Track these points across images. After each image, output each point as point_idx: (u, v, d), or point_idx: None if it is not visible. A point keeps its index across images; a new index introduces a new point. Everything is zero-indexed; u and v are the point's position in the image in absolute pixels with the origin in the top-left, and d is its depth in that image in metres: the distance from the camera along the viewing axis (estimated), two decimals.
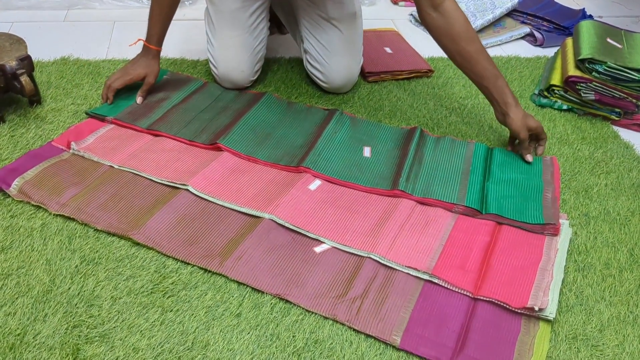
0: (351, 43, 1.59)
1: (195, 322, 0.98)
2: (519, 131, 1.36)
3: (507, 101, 1.36)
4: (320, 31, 1.57)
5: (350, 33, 1.58)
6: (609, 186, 1.37)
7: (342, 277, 1.08)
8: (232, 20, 1.52)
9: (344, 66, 1.58)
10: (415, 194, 1.26)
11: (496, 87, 1.36)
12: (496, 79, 1.35)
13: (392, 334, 0.98)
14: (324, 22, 1.56)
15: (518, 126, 1.36)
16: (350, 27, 1.58)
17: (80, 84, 1.57)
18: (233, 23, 1.52)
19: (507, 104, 1.36)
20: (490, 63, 1.35)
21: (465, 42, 1.33)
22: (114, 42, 1.83)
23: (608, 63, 1.54)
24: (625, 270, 1.15)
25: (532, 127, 1.37)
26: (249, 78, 1.58)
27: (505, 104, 1.36)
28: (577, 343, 1.00)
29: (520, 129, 1.36)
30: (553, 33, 2.06)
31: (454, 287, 1.07)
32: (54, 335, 0.94)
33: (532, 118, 1.38)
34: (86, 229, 1.13)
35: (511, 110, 1.36)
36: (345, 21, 1.56)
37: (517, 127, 1.36)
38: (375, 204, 1.25)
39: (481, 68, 1.35)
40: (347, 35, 1.57)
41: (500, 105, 1.37)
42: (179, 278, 1.05)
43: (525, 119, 1.37)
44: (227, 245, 1.11)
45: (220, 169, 1.29)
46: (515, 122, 1.36)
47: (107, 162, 1.28)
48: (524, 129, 1.36)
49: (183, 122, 1.43)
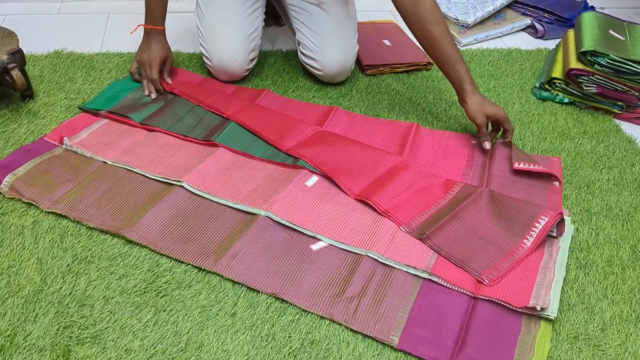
0: (343, 27, 1.56)
1: (189, 322, 0.96)
2: (474, 117, 1.35)
3: (465, 87, 1.35)
4: (310, 18, 1.55)
5: (341, 17, 1.56)
6: (611, 181, 1.35)
7: (339, 276, 1.05)
8: (225, 5, 1.50)
9: (338, 51, 1.55)
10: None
11: (454, 72, 1.35)
12: (455, 63, 1.34)
13: (390, 334, 0.96)
14: (312, 7, 1.54)
15: (473, 111, 1.35)
16: (341, 11, 1.56)
17: (74, 77, 1.54)
18: (226, 7, 1.51)
19: (465, 90, 1.35)
20: (453, 47, 1.35)
21: (430, 24, 1.33)
22: (109, 34, 1.80)
23: (610, 55, 1.51)
24: (627, 267, 1.13)
25: (489, 113, 1.35)
26: (243, 67, 1.55)
27: (463, 90, 1.36)
28: (578, 343, 0.98)
29: (475, 114, 1.35)
30: (554, 25, 2.03)
31: (453, 286, 1.04)
32: (45, 336, 0.92)
33: (491, 104, 1.37)
34: (78, 226, 1.11)
35: (468, 96, 1.35)
36: (335, 4, 1.54)
37: (473, 112, 1.35)
38: None
39: (442, 51, 1.34)
40: (338, 19, 1.55)
41: (459, 92, 1.37)
42: (172, 277, 1.03)
43: (483, 105, 1.35)
44: (222, 243, 1.09)
45: (216, 165, 1.26)
46: (471, 108, 1.35)
47: (101, 157, 1.26)
48: (480, 115, 1.35)
49: (176, 117, 1.40)
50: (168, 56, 1.51)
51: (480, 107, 1.35)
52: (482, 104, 1.35)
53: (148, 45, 1.48)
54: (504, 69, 1.77)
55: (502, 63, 1.80)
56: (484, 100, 1.36)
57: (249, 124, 1.38)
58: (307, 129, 1.38)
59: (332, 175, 1.25)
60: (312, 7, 1.54)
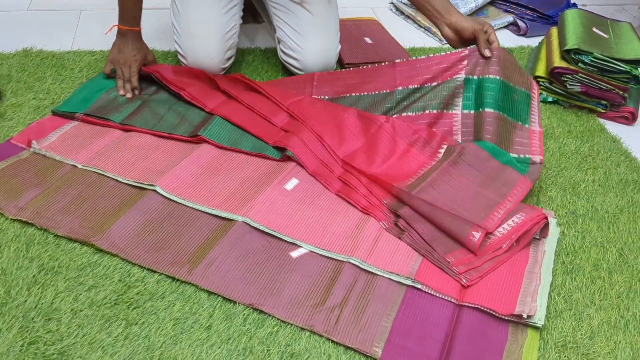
0: (325, 25, 1.53)
1: (162, 336, 0.91)
2: (472, 25, 1.34)
3: (450, 9, 1.36)
4: (291, 16, 1.51)
5: (323, 15, 1.52)
6: (596, 182, 1.32)
7: (320, 284, 1.01)
8: (202, 2, 1.46)
9: (319, 50, 1.52)
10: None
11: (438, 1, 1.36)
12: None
13: (372, 345, 0.92)
14: (294, 5, 1.50)
15: (470, 22, 1.35)
16: (324, 9, 1.52)
17: (43, 77, 1.48)
18: (202, 4, 1.46)
19: (451, 11, 1.36)
20: None
21: None
22: (80, 32, 1.74)
23: (594, 54, 1.49)
24: (614, 272, 1.10)
25: (481, 21, 1.35)
26: (219, 65, 1.50)
27: (449, 12, 1.36)
28: (566, 351, 0.95)
29: (472, 23, 1.34)
30: (537, 22, 2.00)
31: (437, 293, 1.01)
32: (9, 353, 0.86)
33: (474, 18, 1.41)
34: (46, 234, 1.06)
35: (456, 15, 1.35)
36: (318, 3, 1.51)
37: (470, 23, 1.34)
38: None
39: None
40: (320, 18, 1.52)
41: (444, 16, 1.36)
42: (145, 288, 0.98)
43: (472, 18, 1.39)
44: (197, 251, 1.04)
45: (191, 168, 1.22)
46: (466, 20, 1.35)
47: (71, 161, 1.21)
48: (476, 23, 1.34)
49: (158, 116, 1.35)
50: (147, 55, 1.47)
51: (471, 19, 1.36)
52: (470, 18, 1.37)
53: (125, 45, 1.43)
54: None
55: None
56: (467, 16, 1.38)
57: (233, 118, 1.34)
58: (293, 98, 1.40)
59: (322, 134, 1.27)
60: (294, 5, 1.51)
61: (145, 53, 1.46)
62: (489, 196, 1.16)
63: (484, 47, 1.32)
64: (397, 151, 1.29)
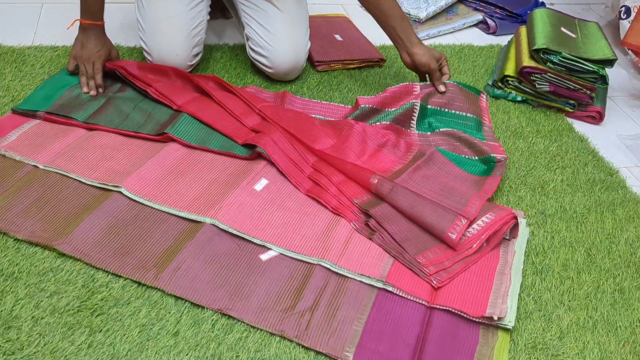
0: (295, 23, 1.51)
1: (128, 343, 0.88)
2: (429, 62, 1.40)
3: (412, 40, 1.41)
4: (261, 13, 1.49)
5: (293, 13, 1.51)
6: (565, 182, 1.34)
7: (291, 287, 1.00)
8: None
9: (289, 49, 1.50)
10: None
11: (402, 27, 1.40)
12: (402, 19, 1.40)
13: (344, 350, 0.91)
14: (263, 1, 1.48)
15: (428, 58, 1.40)
16: (293, 7, 1.51)
17: (3, 73, 1.43)
18: None
19: (412, 42, 1.41)
20: (397, 4, 1.41)
21: None
22: (42, 26, 1.68)
23: (563, 53, 1.50)
24: (583, 272, 1.11)
25: (437, 57, 1.41)
26: (185, 62, 1.47)
27: (411, 42, 1.41)
28: (536, 353, 0.95)
29: (429, 60, 1.40)
30: (506, 21, 2.01)
31: (409, 295, 1.00)
32: None
33: (434, 49, 1.43)
34: (5, 238, 1.02)
35: (417, 47, 1.41)
36: (287, 0, 1.49)
37: (427, 59, 1.40)
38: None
39: (388, 7, 1.40)
40: (289, 16, 1.50)
41: (405, 45, 1.41)
42: (109, 293, 0.95)
43: (430, 51, 1.41)
44: (164, 254, 1.01)
45: (158, 168, 1.19)
46: (424, 56, 1.40)
47: (32, 161, 1.16)
48: (433, 60, 1.40)
49: (123, 114, 1.31)
50: (111, 50, 1.42)
51: (429, 53, 1.41)
52: (430, 51, 1.42)
53: (88, 40, 1.38)
54: (457, 65, 1.74)
55: (454, 60, 1.77)
56: (428, 47, 1.43)
57: (202, 116, 1.31)
58: (265, 102, 1.39)
59: (296, 133, 1.27)
60: (263, 2, 1.48)
61: (110, 48, 1.42)
62: (464, 189, 1.18)
63: (438, 83, 1.41)
64: (368, 151, 1.29)
